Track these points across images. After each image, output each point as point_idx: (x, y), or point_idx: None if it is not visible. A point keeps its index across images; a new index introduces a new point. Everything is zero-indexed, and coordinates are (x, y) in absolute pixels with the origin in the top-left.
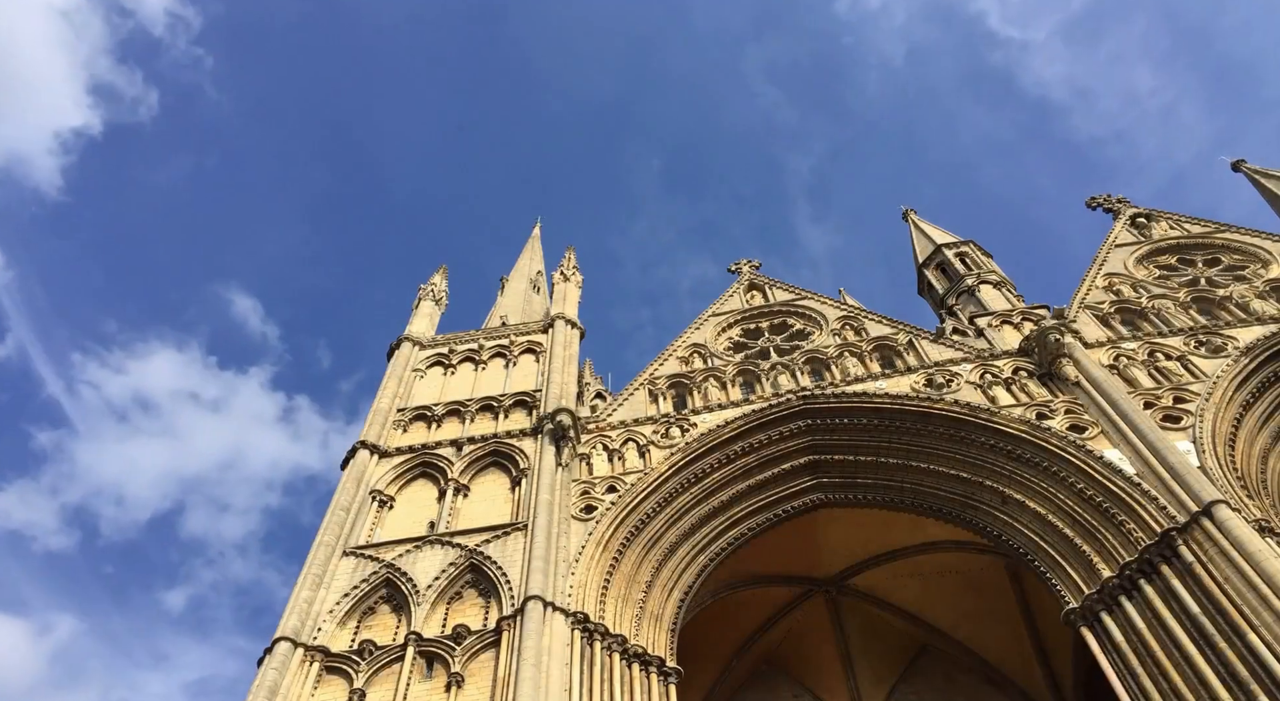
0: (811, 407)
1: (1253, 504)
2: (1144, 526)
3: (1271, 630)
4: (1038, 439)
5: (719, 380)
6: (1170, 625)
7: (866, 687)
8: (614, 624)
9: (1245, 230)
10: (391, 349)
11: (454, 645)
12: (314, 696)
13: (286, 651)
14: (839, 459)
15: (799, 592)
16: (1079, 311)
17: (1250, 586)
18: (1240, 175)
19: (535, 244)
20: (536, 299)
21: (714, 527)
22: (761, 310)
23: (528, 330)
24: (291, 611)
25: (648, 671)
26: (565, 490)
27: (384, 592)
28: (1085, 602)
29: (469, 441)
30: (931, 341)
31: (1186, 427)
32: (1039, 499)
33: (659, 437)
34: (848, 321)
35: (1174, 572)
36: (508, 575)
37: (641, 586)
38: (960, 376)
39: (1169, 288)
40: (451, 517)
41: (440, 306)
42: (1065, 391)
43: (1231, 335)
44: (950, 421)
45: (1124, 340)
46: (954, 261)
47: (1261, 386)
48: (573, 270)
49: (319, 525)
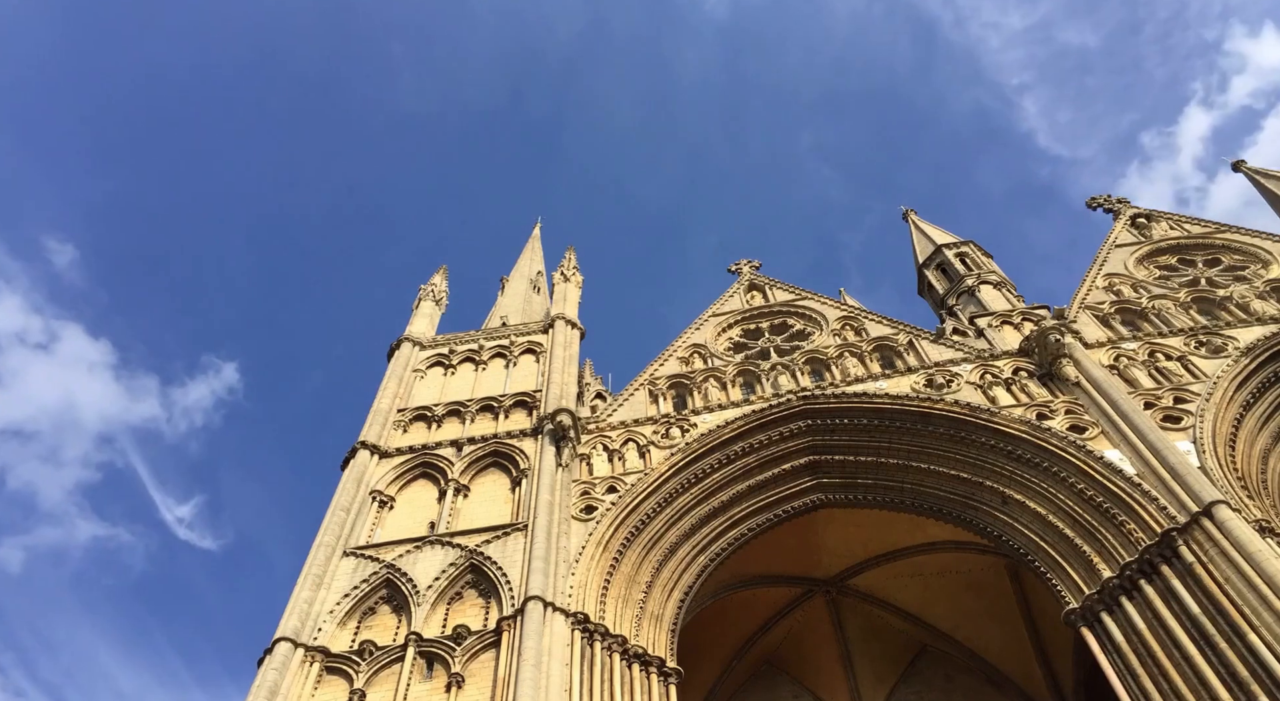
0: (812, 408)
1: (1253, 504)
2: (1144, 527)
3: (1272, 630)
4: (1038, 439)
5: (719, 380)
6: (1171, 625)
7: (867, 688)
8: (614, 624)
9: (1245, 230)
10: (392, 349)
11: (454, 645)
12: (314, 696)
13: (287, 652)
14: (839, 459)
15: (799, 593)
16: (1079, 312)
17: (1250, 586)
18: (1240, 175)
19: (535, 244)
20: (537, 299)
21: (714, 528)
22: (762, 310)
23: (528, 330)
24: (291, 611)
25: (648, 672)
26: (565, 490)
27: (384, 593)
28: (1086, 603)
29: (469, 442)
30: (932, 342)
31: (1187, 428)
32: (1039, 499)
33: (659, 438)
34: (848, 322)
35: (1174, 573)
36: (508, 575)
37: (642, 587)
38: (960, 377)
39: (1169, 288)
40: (452, 518)
41: (440, 307)
42: (1065, 392)
43: (1232, 335)
44: (950, 422)
45: (1124, 340)
46: (954, 262)
47: (1262, 387)
48: (573, 270)
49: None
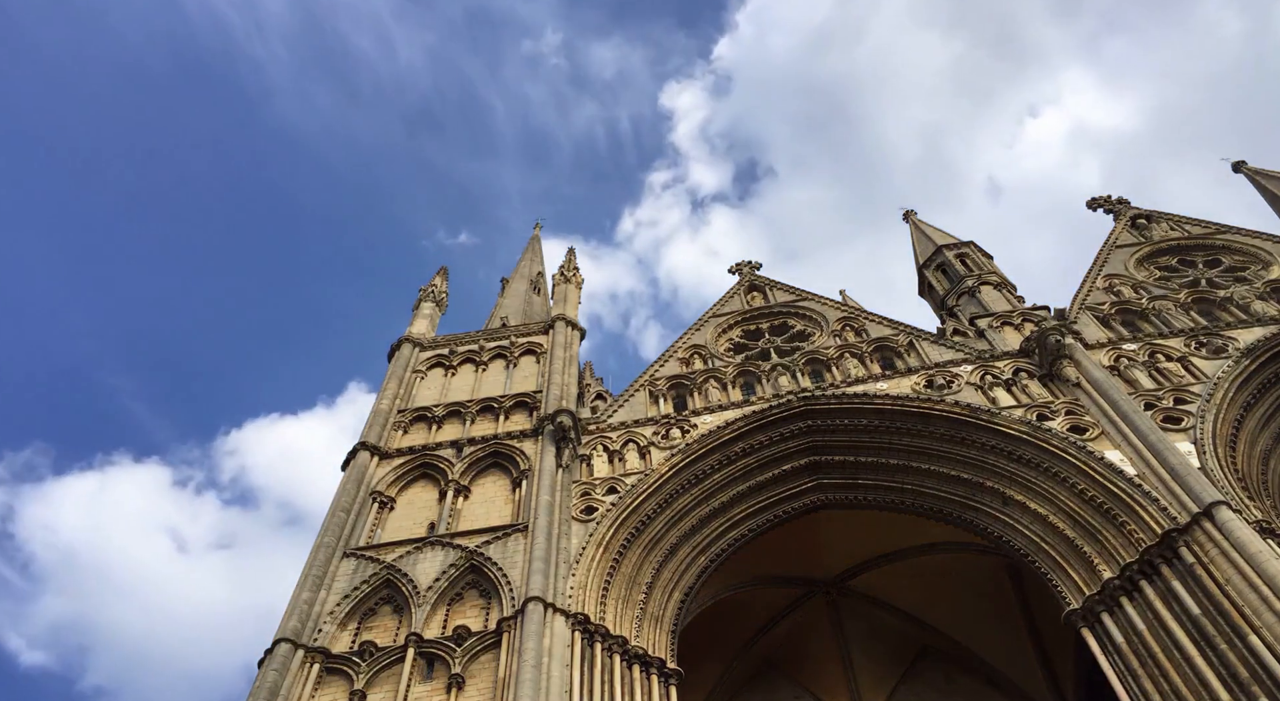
0: (812, 408)
1: (1254, 505)
2: (1145, 527)
3: (1273, 631)
4: (1038, 440)
5: (719, 381)
6: (1171, 626)
7: (867, 689)
8: (615, 625)
9: (1246, 231)
10: (392, 350)
11: (454, 646)
12: (314, 697)
13: (287, 652)
14: (839, 460)
15: (799, 594)
16: (1079, 312)
17: (1251, 587)
18: (1241, 175)
19: (536, 245)
20: (537, 300)
21: (714, 529)
22: (762, 311)
23: (528, 331)
24: (292, 612)
25: (648, 673)
26: (566, 491)
27: (384, 594)
28: (1086, 603)
29: (469, 442)
30: (932, 342)
31: (1187, 429)
32: (1040, 500)
33: (659, 439)
34: (848, 322)
35: (1175, 573)
36: (508, 576)
37: (642, 587)
38: (961, 377)
39: (1169, 289)
40: (452, 519)
41: (441, 308)
42: (1066, 392)
43: (1232, 336)
44: (951, 422)
45: (1125, 341)
46: (954, 262)
47: (1262, 387)
48: (573, 271)
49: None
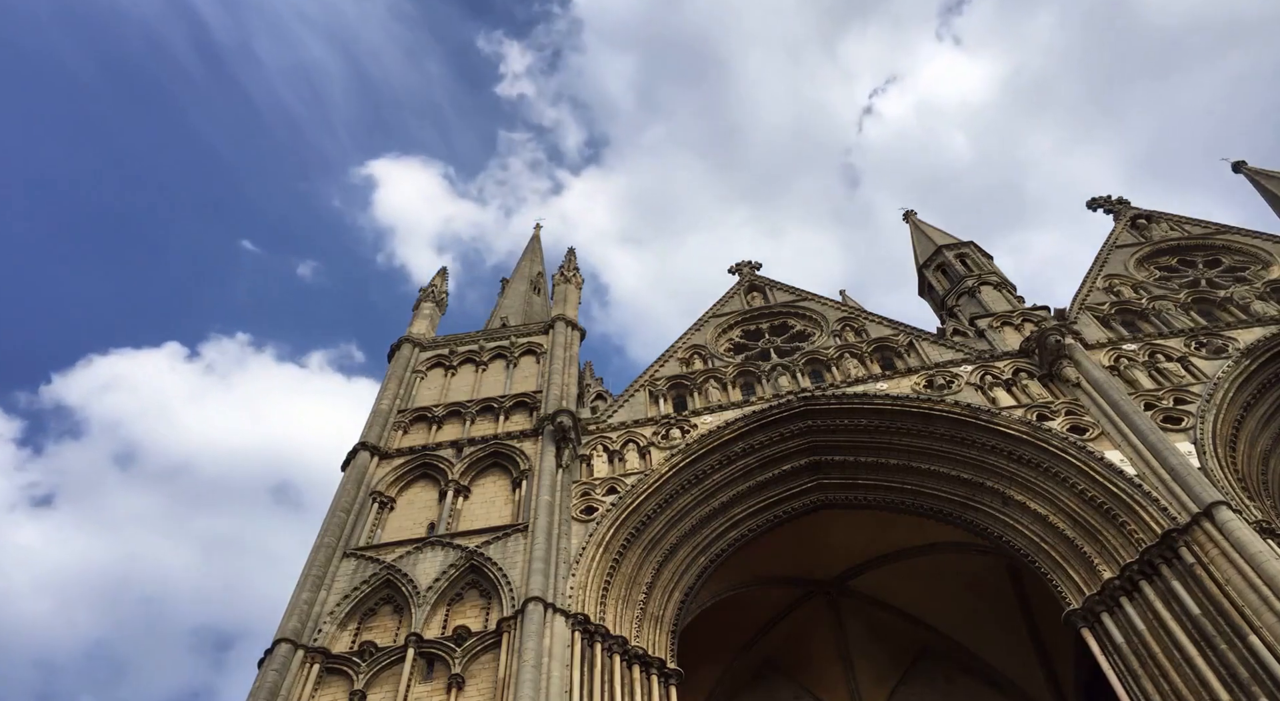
0: (812, 409)
1: (1254, 505)
2: (1145, 527)
3: (1273, 631)
4: (1038, 440)
5: (719, 381)
6: (1171, 626)
7: (867, 689)
8: (614, 625)
9: (1245, 231)
10: (392, 350)
11: (454, 646)
12: (314, 698)
13: (287, 653)
14: (839, 460)
15: (800, 594)
16: (1079, 312)
17: (1251, 587)
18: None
19: (536, 246)
20: (537, 300)
21: (714, 529)
22: (762, 311)
23: (528, 331)
24: (292, 613)
25: (648, 673)
26: (566, 491)
27: (384, 594)
28: (1086, 603)
29: (469, 443)
30: (932, 343)
31: (1187, 429)
32: (1040, 500)
33: (659, 439)
34: (848, 322)
35: (1175, 574)
36: (508, 576)
37: (642, 588)
38: (961, 378)
39: (1169, 289)
40: (452, 519)
41: (441, 308)
42: (1066, 392)
43: (1232, 336)
44: (951, 422)
45: (1125, 341)
46: (954, 263)
47: (1262, 388)
48: (573, 271)
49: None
